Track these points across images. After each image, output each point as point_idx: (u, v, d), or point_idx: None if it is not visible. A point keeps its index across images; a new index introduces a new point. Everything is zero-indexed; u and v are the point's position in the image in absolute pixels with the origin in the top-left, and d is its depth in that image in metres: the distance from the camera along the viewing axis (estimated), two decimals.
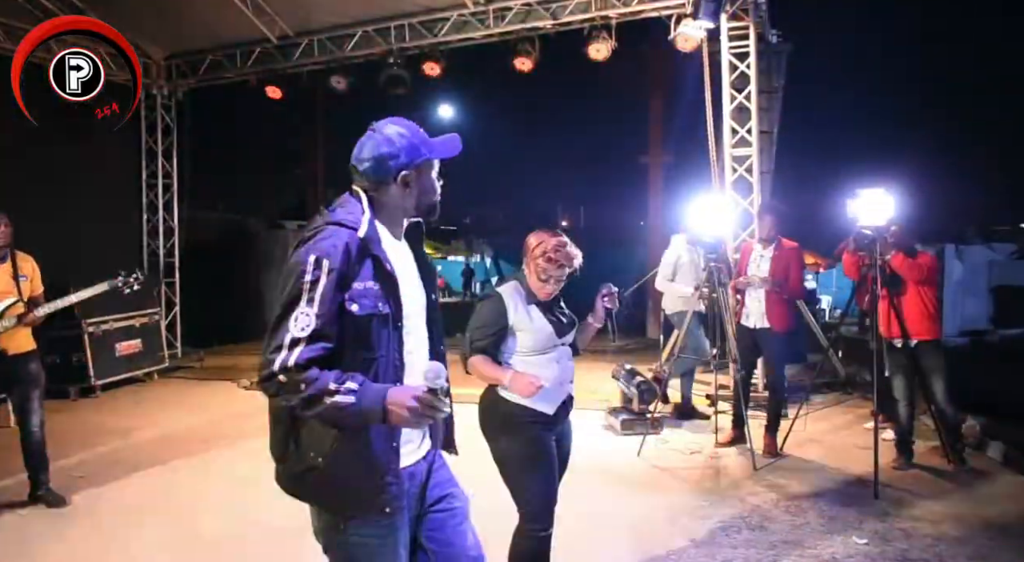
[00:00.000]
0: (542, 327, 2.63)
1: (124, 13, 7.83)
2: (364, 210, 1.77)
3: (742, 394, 5.10)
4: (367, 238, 1.71)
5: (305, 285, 1.62)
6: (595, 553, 3.53)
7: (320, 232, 1.70)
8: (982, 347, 8.36)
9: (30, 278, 4.27)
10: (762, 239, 5.24)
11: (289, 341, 1.60)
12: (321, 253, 1.64)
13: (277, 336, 1.62)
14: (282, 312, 1.63)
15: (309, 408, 1.60)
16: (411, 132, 1.83)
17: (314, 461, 1.69)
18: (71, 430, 6.00)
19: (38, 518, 4.08)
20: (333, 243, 1.66)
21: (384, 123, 1.85)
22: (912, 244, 4.85)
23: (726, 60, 6.82)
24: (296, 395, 1.59)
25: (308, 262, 1.63)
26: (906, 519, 3.90)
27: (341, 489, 1.71)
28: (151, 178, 9.78)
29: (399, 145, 1.79)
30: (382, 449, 1.72)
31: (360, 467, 1.70)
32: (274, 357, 1.60)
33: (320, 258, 1.64)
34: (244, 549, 3.65)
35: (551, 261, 2.61)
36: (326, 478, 1.70)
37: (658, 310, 9.71)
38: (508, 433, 2.61)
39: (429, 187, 1.86)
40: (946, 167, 16.09)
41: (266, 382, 1.62)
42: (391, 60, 8.14)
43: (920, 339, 4.76)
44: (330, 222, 1.73)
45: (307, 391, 1.58)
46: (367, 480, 1.71)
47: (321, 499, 1.77)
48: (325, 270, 1.63)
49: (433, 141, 1.86)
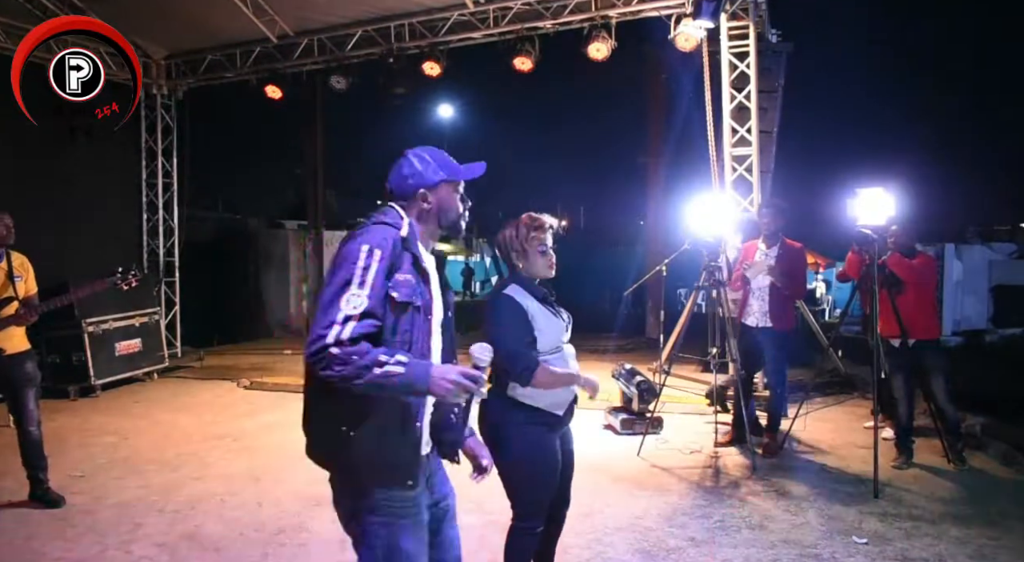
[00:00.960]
0: (554, 322, 2.63)
1: (124, 13, 7.83)
2: (403, 217, 2.01)
3: (742, 394, 5.10)
4: (407, 237, 1.95)
5: (357, 270, 1.81)
6: (595, 553, 3.53)
7: (369, 228, 1.93)
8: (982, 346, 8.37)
9: (25, 278, 4.27)
10: (765, 238, 5.24)
11: (342, 318, 1.76)
12: (373, 243, 1.85)
13: (329, 314, 1.77)
14: (333, 295, 1.80)
15: (361, 377, 1.74)
16: (432, 157, 2.08)
17: (347, 433, 1.84)
18: (71, 430, 6.01)
19: (37, 517, 4.08)
20: (383, 236, 1.89)
21: (413, 149, 2.10)
22: (912, 245, 4.86)
23: (726, 60, 6.83)
24: (349, 365, 1.73)
25: (361, 250, 1.83)
26: (906, 519, 3.90)
27: (373, 460, 1.86)
28: (151, 178, 9.78)
29: (419, 168, 2.05)
30: (412, 427, 1.90)
31: (392, 440, 1.88)
32: (326, 332, 1.75)
33: (372, 248, 1.84)
34: (244, 549, 3.65)
35: (539, 228, 2.62)
36: (360, 449, 1.85)
37: (658, 310, 9.73)
38: (513, 434, 2.58)
39: (448, 205, 2.07)
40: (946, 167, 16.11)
41: (317, 355, 1.74)
42: (391, 60, 8.15)
43: (919, 339, 4.77)
44: (376, 222, 1.96)
45: (361, 361, 1.73)
46: (398, 452, 1.89)
47: (353, 469, 1.89)
48: (376, 258, 1.83)
49: (454, 165, 2.10)
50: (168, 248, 9.91)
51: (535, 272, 2.64)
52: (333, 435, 1.86)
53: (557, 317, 2.65)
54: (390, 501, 1.89)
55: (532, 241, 2.60)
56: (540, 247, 2.61)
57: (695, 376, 7.65)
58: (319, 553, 3.53)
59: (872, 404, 4.93)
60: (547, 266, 2.64)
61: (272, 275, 13.14)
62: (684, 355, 5.76)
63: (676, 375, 7.39)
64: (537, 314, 2.58)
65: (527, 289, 2.61)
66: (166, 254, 9.88)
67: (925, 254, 4.95)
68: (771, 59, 7.37)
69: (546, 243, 2.62)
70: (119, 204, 9.47)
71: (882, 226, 4.55)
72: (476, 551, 3.36)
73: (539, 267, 2.63)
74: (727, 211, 6.50)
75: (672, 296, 10.82)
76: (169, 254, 9.92)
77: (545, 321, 2.59)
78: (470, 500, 3.64)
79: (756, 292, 5.17)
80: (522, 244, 2.62)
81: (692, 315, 7.11)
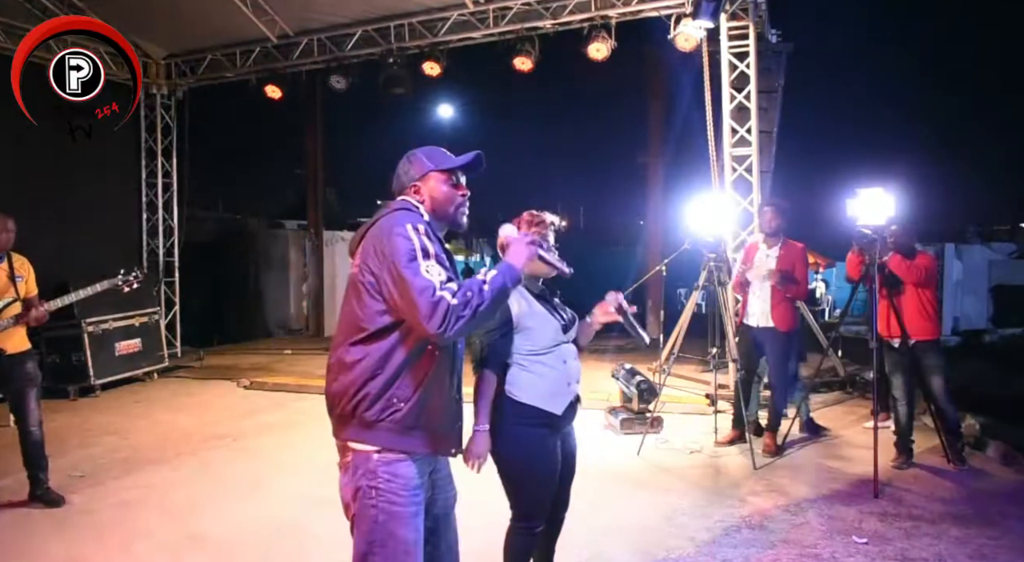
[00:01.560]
0: (548, 319, 2.62)
1: (124, 13, 7.83)
2: (416, 205, 2.09)
3: (742, 394, 5.10)
4: (429, 222, 2.03)
5: (416, 247, 1.88)
6: (595, 553, 3.53)
7: (397, 213, 2.01)
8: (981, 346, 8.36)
9: (26, 279, 4.29)
10: (767, 237, 5.23)
11: (438, 284, 1.84)
12: (412, 221, 1.94)
13: (426, 291, 1.83)
14: (410, 276, 1.85)
15: (483, 302, 1.85)
16: (423, 153, 2.15)
17: (399, 405, 1.94)
18: (71, 430, 6.01)
19: (37, 517, 4.08)
20: (415, 216, 2.00)
21: (414, 150, 2.18)
22: (912, 244, 4.85)
23: (726, 60, 6.82)
24: (471, 306, 1.83)
25: (407, 230, 1.91)
26: (906, 519, 3.90)
27: (421, 429, 1.97)
28: (151, 177, 9.78)
29: (412, 163, 2.14)
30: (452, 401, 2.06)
31: (438, 413, 2.01)
32: (439, 298, 1.82)
33: (414, 225, 1.93)
34: (244, 549, 3.65)
35: (540, 224, 2.65)
36: (408, 422, 1.94)
37: (658, 309, 9.72)
38: (511, 433, 2.57)
39: (437, 194, 2.10)
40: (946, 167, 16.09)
41: (443, 319, 1.81)
42: (391, 60, 8.14)
43: (919, 339, 4.77)
44: (397, 209, 2.04)
45: (480, 297, 1.85)
46: (444, 423, 2.04)
47: (395, 441, 1.95)
48: (422, 232, 1.92)
49: (443, 156, 2.14)
50: (168, 248, 9.90)
51: (536, 270, 2.59)
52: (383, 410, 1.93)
53: (553, 316, 2.65)
54: (392, 486, 1.93)
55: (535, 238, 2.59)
56: (542, 244, 2.59)
57: (695, 376, 7.65)
58: (319, 553, 3.52)
59: (872, 404, 4.92)
60: (544, 266, 2.62)
61: (272, 275, 13.14)
62: (684, 355, 5.75)
63: (676, 375, 7.40)
64: (528, 312, 2.59)
65: (524, 286, 2.62)
66: (166, 254, 9.87)
67: (925, 254, 4.94)
68: (771, 59, 7.37)
69: (547, 240, 2.61)
70: (119, 204, 9.46)
71: (882, 226, 4.55)
72: (476, 552, 3.35)
73: (540, 264, 2.62)
74: (727, 211, 6.51)
75: (672, 296, 10.82)
76: (169, 254, 9.91)
77: (537, 320, 2.60)
78: (470, 500, 3.63)
79: (757, 292, 5.17)
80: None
81: (692, 315, 7.12)
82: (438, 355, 1.99)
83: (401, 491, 1.94)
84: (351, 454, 1.99)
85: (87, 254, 8.25)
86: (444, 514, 2.15)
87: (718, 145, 6.97)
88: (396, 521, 1.93)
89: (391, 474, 1.94)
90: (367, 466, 1.95)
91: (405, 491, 1.95)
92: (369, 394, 1.93)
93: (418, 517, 1.98)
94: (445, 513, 2.16)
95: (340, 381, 1.98)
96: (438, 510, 2.12)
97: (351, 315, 1.99)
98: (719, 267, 5.29)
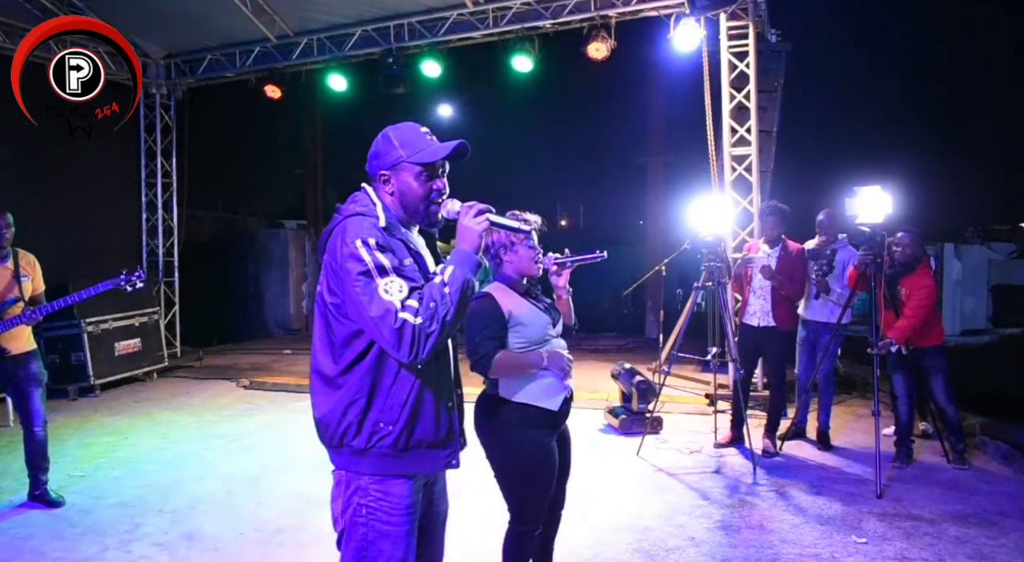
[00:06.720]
0: (537, 315, 2.62)
1: (124, 13, 7.84)
2: (375, 202, 1.90)
3: (742, 394, 5.10)
4: (388, 225, 1.85)
5: (371, 267, 1.74)
6: (595, 553, 3.53)
7: (347, 222, 1.83)
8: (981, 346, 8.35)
9: (31, 277, 4.28)
10: (767, 240, 5.25)
11: (399, 305, 1.71)
12: (362, 235, 1.77)
13: (387, 317, 1.71)
14: (367, 301, 1.72)
15: (448, 311, 1.73)
16: (399, 135, 1.92)
17: (386, 429, 1.83)
18: (71, 430, 6.01)
19: (37, 518, 4.08)
20: (366, 225, 1.80)
21: (391, 126, 1.95)
22: (920, 255, 4.79)
23: (725, 59, 6.83)
24: (438, 319, 1.72)
25: (357, 250, 1.75)
26: (906, 519, 3.90)
27: (415, 449, 1.86)
28: (150, 177, 9.78)
29: (384, 147, 1.92)
30: (446, 410, 1.93)
31: (431, 428, 1.88)
32: (401, 322, 1.70)
33: (364, 240, 1.76)
34: (244, 549, 3.65)
35: (524, 222, 2.63)
36: (400, 444, 1.84)
37: (657, 309, 9.73)
38: (509, 436, 2.56)
39: (406, 190, 1.91)
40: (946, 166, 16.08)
41: (411, 345, 1.71)
42: (391, 60, 8.14)
43: (919, 346, 4.76)
44: (349, 215, 1.85)
45: (444, 304, 1.73)
46: (440, 436, 1.91)
47: (389, 466, 1.86)
48: (374, 246, 1.76)
49: (418, 144, 1.91)
50: (167, 248, 9.91)
51: (523, 268, 2.65)
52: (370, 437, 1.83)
53: (542, 311, 2.66)
54: (384, 505, 1.85)
55: (519, 235, 2.60)
56: (527, 242, 2.62)
57: (695, 376, 7.65)
58: (319, 553, 3.52)
59: (872, 404, 4.92)
60: (533, 261, 2.65)
61: (272, 275, 13.14)
62: (684, 355, 5.75)
63: (676, 375, 7.40)
64: (519, 310, 2.59)
65: (510, 286, 2.65)
66: (165, 254, 9.87)
67: (926, 267, 4.87)
68: (771, 59, 7.36)
69: (532, 238, 2.64)
70: (119, 204, 9.47)
71: (880, 224, 4.52)
72: (474, 556, 3.35)
73: (525, 266, 2.65)
74: (727, 211, 6.51)
75: (672, 296, 10.82)
76: (168, 254, 9.91)
77: (528, 315, 2.61)
78: (468, 505, 3.64)
79: (757, 291, 5.18)
80: (510, 239, 2.63)
81: (692, 315, 7.11)
82: (420, 366, 1.83)
83: (393, 511, 1.85)
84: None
85: (87, 254, 8.26)
86: (431, 526, 2.07)
87: (718, 145, 6.98)
88: (386, 540, 1.85)
89: (383, 493, 1.85)
90: (358, 483, 1.86)
91: (397, 511, 1.86)
92: (352, 423, 1.82)
93: (411, 535, 1.90)
94: (432, 525, 2.08)
95: (321, 408, 1.87)
96: (426, 522, 2.03)
97: (322, 338, 1.88)
98: (719, 267, 5.29)
